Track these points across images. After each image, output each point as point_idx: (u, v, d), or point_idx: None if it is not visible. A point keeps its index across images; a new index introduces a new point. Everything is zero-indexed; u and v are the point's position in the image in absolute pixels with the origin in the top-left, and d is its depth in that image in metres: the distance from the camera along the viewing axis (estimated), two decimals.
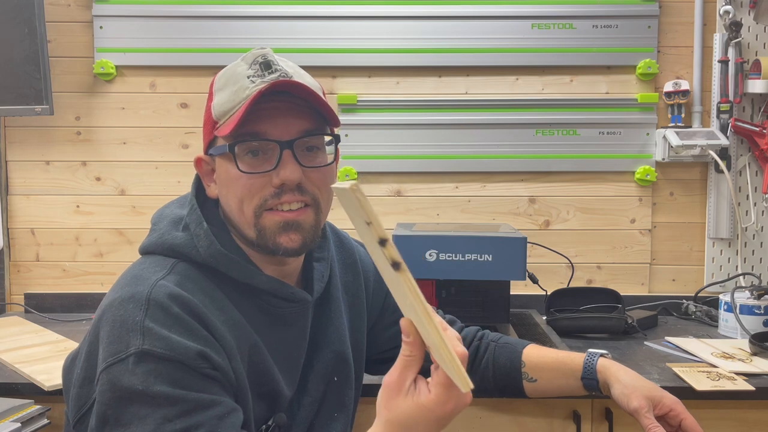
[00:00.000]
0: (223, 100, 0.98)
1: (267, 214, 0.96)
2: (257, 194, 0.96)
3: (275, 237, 0.96)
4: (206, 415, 0.87)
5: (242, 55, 1.02)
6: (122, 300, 0.91)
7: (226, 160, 0.98)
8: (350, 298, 1.19)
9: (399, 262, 0.66)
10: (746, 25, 2.05)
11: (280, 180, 0.95)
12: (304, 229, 0.98)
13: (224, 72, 1.02)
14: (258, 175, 0.95)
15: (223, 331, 0.94)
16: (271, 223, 0.96)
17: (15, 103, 1.95)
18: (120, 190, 2.12)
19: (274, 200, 0.96)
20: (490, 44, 2.08)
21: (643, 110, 2.09)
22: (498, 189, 2.12)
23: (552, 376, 1.25)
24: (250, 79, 0.97)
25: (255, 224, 0.97)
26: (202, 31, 2.08)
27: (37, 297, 2.11)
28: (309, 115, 0.98)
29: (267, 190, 0.96)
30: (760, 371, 1.49)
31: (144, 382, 0.86)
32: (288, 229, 0.96)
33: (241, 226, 0.99)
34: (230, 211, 1.00)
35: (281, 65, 0.99)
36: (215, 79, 1.03)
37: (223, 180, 1.00)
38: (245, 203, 0.96)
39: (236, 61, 1.02)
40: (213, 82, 1.03)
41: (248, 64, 0.99)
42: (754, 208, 2.09)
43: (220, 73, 1.02)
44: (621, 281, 2.12)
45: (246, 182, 0.96)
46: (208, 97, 1.03)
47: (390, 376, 0.77)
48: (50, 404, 1.39)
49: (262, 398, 1.01)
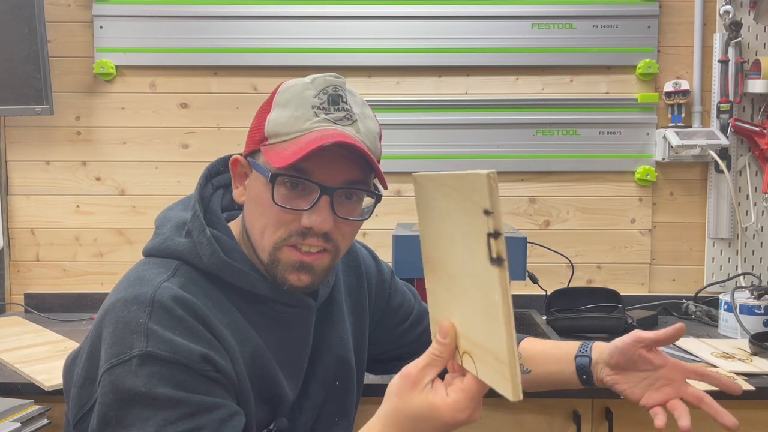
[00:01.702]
0: (281, 120, 0.94)
1: (286, 249, 0.95)
2: (283, 227, 0.95)
3: (286, 273, 0.96)
4: (209, 418, 0.87)
5: (313, 76, 0.97)
6: (126, 301, 0.91)
7: (262, 181, 0.95)
8: (353, 301, 1.19)
9: (503, 259, 0.64)
10: (746, 25, 2.05)
11: (310, 224, 0.93)
12: (316, 272, 0.97)
13: (290, 87, 0.96)
14: (290, 210, 0.94)
15: (226, 335, 0.94)
16: (287, 260, 0.96)
17: (15, 103, 1.95)
18: (120, 190, 2.13)
19: (298, 239, 0.95)
20: (490, 44, 2.08)
21: (643, 110, 2.09)
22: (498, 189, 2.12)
23: (545, 362, 1.21)
24: (314, 110, 0.93)
25: (271, 254, 0.96)
26: (202, 31, 2.08)
27: (37, 297, 2.11)
28: (358, 165, 0.95)
29: (294, 226, 0.94)
30: (760, 371, 1.49)
31: (147, 384, 0.85)
32: (300, 270, 0.96)
33: (256, 244, 0.98)
34: (251, 227, 0.99)
35: (349, 102, 0.96)
36: (279, 89, 0.97)
37: (254, 197, 0.97)
38: (268, 231, 0.95)
39: (306, 79, 0.96)
40: (276, 91, 0.97)
41: (317, 91, 0.95)
42: (754, 208, 2.09)
43: (286, 86, 0.97)
44: (621, 281, 2.12)
45: (276, 213, 0.94)
46: (267, 104, 0.98)
47: (412, 367, 0.77)
48: (50, 404, 1.39)
49: (265, 402, 1.00)
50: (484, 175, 0.64)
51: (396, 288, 1.28)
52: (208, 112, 2.12)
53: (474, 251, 0.67)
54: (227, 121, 2.12)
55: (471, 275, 0.69)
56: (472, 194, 0.66)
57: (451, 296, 0.74)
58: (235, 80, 2.11)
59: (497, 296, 0.65)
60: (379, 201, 1.01)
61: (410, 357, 1.29)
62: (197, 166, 2.08)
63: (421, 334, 1.29)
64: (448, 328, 0.75)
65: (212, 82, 2.11)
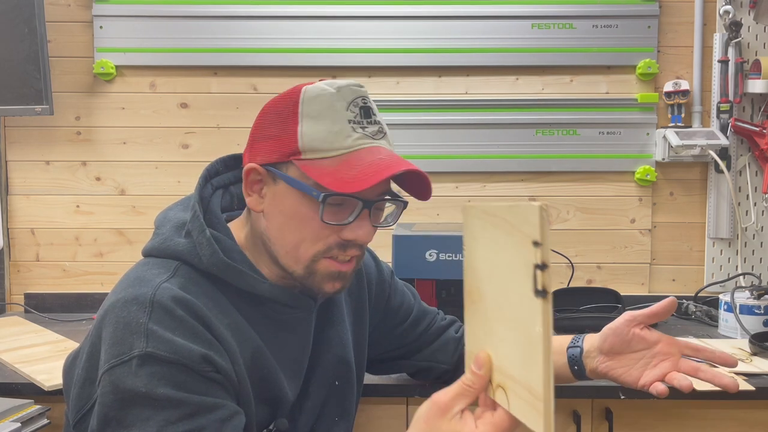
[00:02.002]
0: (319, 135, 0.93)
1: (324, 260, 0.97)
2: (322, 240, 0.95)
3: (323, 282, 0.98)
4: (209, 418, 0.87)
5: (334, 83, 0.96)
6: (126, 301, 0.91)
7: (300, 195, 0.94)
8: (353, 301, 1.19)
9: (548, 291, 0.64)
10: (746, 25, 2.05)
11: (353, 237, 0.95)
12: (348, 278, 1.00)
13: (317, 97, 0.94)
14: (334, 225, 0.94)
15: (226, 335, 0.94)
16: (324, 270, 0.97)
17: (15, 103, 1.95)
18: (120, 190, 2.12)
19: (339, 251, 0.96)
20: (490, 44, 2.08)
21: (643, 110, 2.09)
22: (498, 189, 2.12)
23: None
24: (351, 125, 0.93)
25: (308, 266, 0.97)
26: (202, 31, 2.08)
27: (37, 297, 2.11)
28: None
29: (333, 239, 0.95)
30: (760, 371, 1.49)
31: (147, 385, 0.85)
32: (336, 279, 0.98)
33: (286, 257, 0.97)
34: (278, 237, 0.97)
35: (376, 113, 0.97)
36: (303, 97, 0.95)
37: (286, 210, 0.96)
38: (307, 244, 0.96)
39: (328, 87, 0.95)
40: (298, 100, 0.95)
41: (347, 103, 0.94)
42: (754, 208, 2.09)
43: (310, 95, 0.95)
44: (621, 281, 2.12)
45: (317, 228, 0.94)
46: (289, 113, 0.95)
47: (442, 395, 0.76)
48: (50, 404, 1.39)
49: (265, 403, 1.00)
50: (537, 207, 0.64)
51: (396, 288, 1.28)
52: (208, 112, 2.12)
53: (518, 282, 0.67)
54: (227, 121, 2.12)
55: (512, 307, 0.69)
56: (522, 225, 0.66)
57: (490, 328, 0.74)
58: (235, 80, 2.11)
59: (538, 328, 0.65)
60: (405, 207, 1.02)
61: (410, 357, 1.30)
62: (197, 166, 2.07)
63: (420, 335, 1.29)
64: (483, 359, 0.74)
65: (212, 82, 2.11)
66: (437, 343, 1.30)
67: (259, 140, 0.98)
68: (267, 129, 0.97)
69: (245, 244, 1.02)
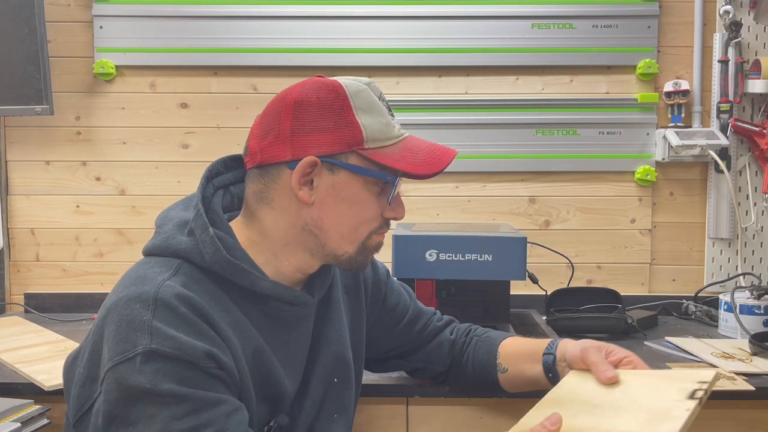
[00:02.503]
0: (376, 126, 1.01)
1: (374, 236, 1.06)
2: (376, 220, 1.05)
3: (368, 255, 1.07)
4: (214, 413, 0.87)
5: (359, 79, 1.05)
6: (128, 299, 0.91)
7: (364, 181, 1.01)
8: (350, 300, 1.20)
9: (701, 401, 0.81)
10: (746, 25, 2.05)
11: (395, 214, 1.06)
12: None
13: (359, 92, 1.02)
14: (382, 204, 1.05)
15: (228, 333, 0.94)
16: (374, 244, 1.07)
17: (15, 103, 1.95)
18: (120, 190, 2.13)
19: (384, 228, 1.07)
20: (490, 44, 2.08)
21: (643, 110, 2.09)
22: (498, 189, 2.12)
23: (520, 362, 1.22)
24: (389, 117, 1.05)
25: (363, 243, 1.05)
26: (202, 31, 2.08)
27: (37, 297, 2.11)
28: None
29: (381, 218, 1.06)
30: (760, 371, 1.49)
31: (151, 381, 0.86)
32: (377, 249, 1.09)
33: (340, 240, 1.03)
34: (335, 225, 1.02)
35: None
36: (350, 92, 1.01)
37: (349, 197, 1.01)
38: (364, 225, 1.04)
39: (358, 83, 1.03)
40: (347, 95, 1.00)
41: (377, 98, 1.04)
42: (754, 208, 2.09)
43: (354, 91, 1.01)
44: (621, 281, 2.12)
45: (375, 208, 1.04)
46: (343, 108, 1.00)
47: None
48: (50, 404, 1.39)
49: (266, 400, 1.01)
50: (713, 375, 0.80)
51: (392, 287, 1.29)
52: (208, 112, 2.12)
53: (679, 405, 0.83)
54: (227, 121, 2.12)
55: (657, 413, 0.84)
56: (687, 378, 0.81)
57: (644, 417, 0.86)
58: (235, 80, 2.11)
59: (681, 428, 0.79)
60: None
61: (405, 357, 1.31)
62: (197, 166, 2.08)
63: (416, 335, 1.30)
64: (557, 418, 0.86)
65: (212, 82, 2.11)
66: (432, 344, 1.31)
67: (305, 134, 0.99)
68: (316, 122, 0.99)
69: (246, 243, 1.02)
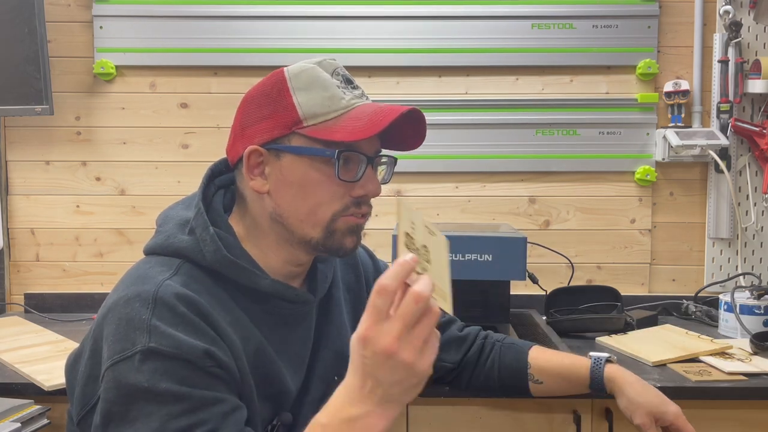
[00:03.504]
0: (315, 101, 0.98)
1: (342, 218, 1.01)
2: (339, 200, 1.00)
3: (343, 238, 1.02)
4: (211, 413, 0.87)
5: (310, 60, 1.03)
6: (128, 298, 0.91)
7: (310, 160, 0.98)
8: (352, 298, 1.21)
9: None
10: (746, 25, 2.05)
11: (364, 191, 1.00)
12: (360, 233, 1.05)
13: (301, 72, 1.00)
14: (345, 183, 0.99)
15: (228, 332, 0.94)
16: (344, 227, 1.01)
17: (15, 103, 1.95)
18: (120, 190, 2.13)
19: (355, 209, 1.01)
20: (490, 44, 2.08)
21: (643, 110, 2.09)
22: (498, 189, 2.12)
23: (559, 381, 1.31)
24: (341, 90, 0.99)
25: (327, 226, 1.00)
26: (202, 31, 2.08)
27: (37, 297, 2.11)
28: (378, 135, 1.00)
29: (347, 198, 1.00)
30: (760, 371, 1.49)
31: (150, 380, 0.86)
32: (353, 233, 1.02)
33: (302, 225, 1.00)
34: (292, 210, 1.00)
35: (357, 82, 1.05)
36: (289, 76, 1.00)
37: (298, 180, 0.99)
38: (324, 207, 0.99)
39: (309, 63, 1.02)
40: (286, 79, 1.00)
41: (330, 73, 1.01)
42: (754, 208, 2.09)
43: (295, 72, 1.01)
44: (621, 281, 2.11)
45: (332, 188, 0.99)
46: (281, 92, 0.99)
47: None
48: (50, 404, 1.39)
49: (268, 399, 1.01)
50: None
51: None
52: (208, 112, 2.12)
53: None
54: (227, 121, 2.09)
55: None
56: None
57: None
58: (235, 80, 2.11)
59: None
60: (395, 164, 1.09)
61: None
62: (197, 166, 2.08)
63: None
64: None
65: (212, 82, 2.11)
66: None
67: (250, 126, 1.01)
68: (258, 112, 1.00)
69: (246, 237, 1.03)
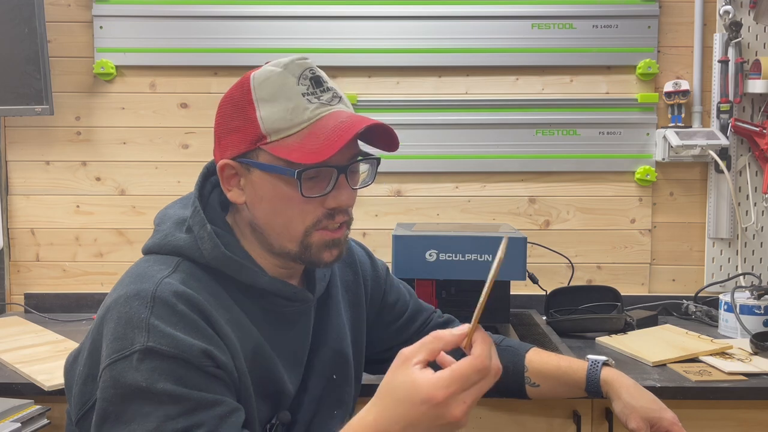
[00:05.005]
0: (277, 115, 0.95)
1: (316, 233, 0.99)
2: (311, 215, 0.98)
3: (320, 253, 1.00)
4: (208, 415, 0.87)
5: (280, 62, 0.99)
6: (127, 297, 0.91)
7: (276, 178, 0.96)
8: (350, 297, 1.21)
9: None
10: (746, 25, 2.05)
11: (336, 204, 0.98)
12: (342, 244, 1.02)
13: (266, 80, 0.97)
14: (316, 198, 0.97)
15: (227, 330, 0.94)
16: (319, 241, 0.99)
17: (15, 103, 1.95)
18: (120, 190, 2.13)
19: (328, 221, 0.99)
20: (490, 44, 2.08)
21: (643, 110, 2.09)
22: (498, 189, 2.12)
23: (555, 384, 1.30)
24: (306, 98, 0.96)
25: (302, 241, 0.99)
26: (202, 31, 2.08)
27: (37, 297, 2.11)
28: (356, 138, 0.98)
29: (320, 211, 0.98)
30: (760, 371, 1.49)
31: (148, 379, 0.86)
32: (331, 246, 1.00)
33: (278, 238, 0.99)
34: (267, 223, 0.99)
35: (327, 80, 1.00)
36: (254, 85, 0.97)
37: (266, 195, 0.98)
38: (296, 222, 0.98)
39: (274, 68, 0.98)
40: (251, 88, 0.97)
41: (296, 78, 0.97)
42: (754, 208, 2.09)
43: (260, 80, 0.97)
44: (621, 281, 2.11)
45: (300, 205, 0.97)
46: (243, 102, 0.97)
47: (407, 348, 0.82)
48: (50, 404, 1.39)
49: (266, 397, 1.01)
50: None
51: (391, 285, 1.30)
52: (208, 112, 2.11)
53: None
54: None
55: None
56: None
57: None
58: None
59: None
60: (379, 163, 1.05)
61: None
62: (197, 166, 2.06)
63: (417, 332, 1.30)
64: None
65: (212, 82, 2.11)
66: None
67: (224, 135, 1.00)
68: (229, 123, 1.00)
69: (243, 237, 1.03)
